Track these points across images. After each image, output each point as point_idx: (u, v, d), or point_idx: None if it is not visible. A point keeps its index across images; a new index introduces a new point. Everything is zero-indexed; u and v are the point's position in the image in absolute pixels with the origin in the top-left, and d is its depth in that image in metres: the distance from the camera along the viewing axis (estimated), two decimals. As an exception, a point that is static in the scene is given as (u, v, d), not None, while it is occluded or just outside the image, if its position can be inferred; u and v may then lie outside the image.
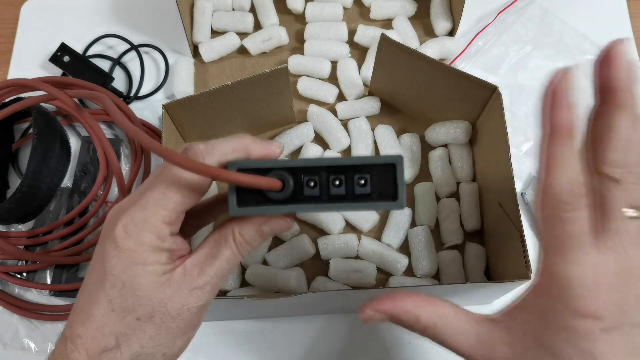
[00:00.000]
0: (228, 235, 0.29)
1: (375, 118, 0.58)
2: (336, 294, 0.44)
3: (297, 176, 0.28)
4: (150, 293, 0.27)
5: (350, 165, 0.28)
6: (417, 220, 0.53)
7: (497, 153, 0.47)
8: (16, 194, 0.50)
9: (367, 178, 0.27)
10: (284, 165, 0.28)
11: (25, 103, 0.48)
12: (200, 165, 0.25)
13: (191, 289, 0.28)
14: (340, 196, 0.28)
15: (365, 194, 0.28)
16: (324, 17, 0.62)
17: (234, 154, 0.29)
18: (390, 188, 0.27)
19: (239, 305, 0.44)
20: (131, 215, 0.27)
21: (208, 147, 0.28)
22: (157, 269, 0.28)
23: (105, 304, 0.28)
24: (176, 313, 0.28)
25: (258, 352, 0.50)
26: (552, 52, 0.61)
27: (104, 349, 0.28)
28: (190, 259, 0.29)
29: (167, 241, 0.28)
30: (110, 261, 0.27)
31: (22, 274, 0.53)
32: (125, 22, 0.65)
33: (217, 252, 0.29)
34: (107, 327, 0.28)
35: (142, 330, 0.28)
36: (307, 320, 0.51)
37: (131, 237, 0.27)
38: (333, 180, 0.28)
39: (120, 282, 0.27)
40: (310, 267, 0.51)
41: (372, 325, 0.51)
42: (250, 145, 0.29)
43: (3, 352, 0.50)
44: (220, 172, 0.26)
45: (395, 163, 0.27)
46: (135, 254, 0.27)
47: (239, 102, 0.51)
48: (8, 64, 0.63)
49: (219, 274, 0.29)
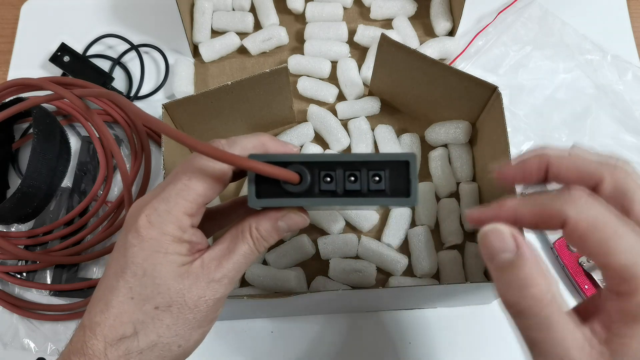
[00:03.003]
0: (245, 231, 0.30)
1: (375, 118, 0.58)
2: (336, 294, 0.44)
3: (314, 170, 0.29)
4: (169, 282, 0.28)
5: (365, 161, 0.29)
6: (417, 220, 0.53)
7: (497, 153, 0.47)
8: (16, 194, 0.50)
9: (382, 175, 0.28)
10: (302, 160, 0.29)
11: (29, 103, 0.48)
12: (225, 153, 0.27)
13: (209, 282, 0.29)
14: (356, 191, 0.29)
15: (380, 190, 0.28)
16: (324, 17, 0.62)
17: (254, 149, 0.30)
18: (404, 185, 0.28)
19: (238, 305, 0.44)
20: (154, 207, 0.28)
21: (229, 142, 0.30)
22: (177, 259, 0.29)
23: (125, 291, 0.28)
24: (193, 304, 0.29)
25: (258, 352, 0.50)
26: (552, 52, 0.61)
27: (122, 336, 0.28)
28: (208, 253, 0.30)
29: (187, 232, 0.29)
30: (132, 249, 0.28)
31: (22, 274, 0.53)
32: (125, 22, 0.65)
33: (235, 247, 0.30)
34: (125, 314, 0.28)
35: (159, 319, 0.28)
36: (307, 320, 0.51)
37: (154, 226, 0.28)
38: (349, 176, 0.29)
39: (141, 269, 0.28)
40: (310, 267, 0.51)
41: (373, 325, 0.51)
42: (269, 142, 0.31)
43: (3, 352, 0.50)
44: (243, 160, 0.27)
45: (408, 160, 0.28)
46: (157, 242, 0.28)
47: (239, 102, 0.51)
48: (8, 64, 0.63)
49: (236, 268, 0.30)
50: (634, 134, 0.57)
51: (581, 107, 0.58)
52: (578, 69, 0.60)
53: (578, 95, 0.59)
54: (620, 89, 0.59)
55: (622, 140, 0.57)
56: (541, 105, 0.59)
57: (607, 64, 0.60)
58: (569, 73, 0.60)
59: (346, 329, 0.51)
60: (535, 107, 0.59)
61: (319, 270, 0.51)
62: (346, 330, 0.51)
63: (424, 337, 0.50)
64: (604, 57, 0.60)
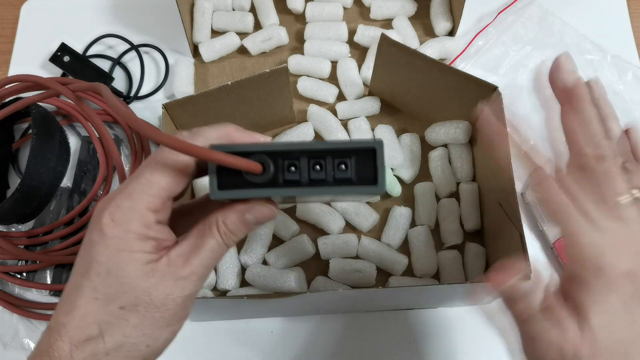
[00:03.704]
0: (212, 225, 0.29)
1: (375, 118, 0.58)
2: (336, 294, 0.44)
3: (277, 160, 0.28)
4: (134, 281, 0.27)
5: (331, 149, 0.28)
6: (417, 220, 0.53)
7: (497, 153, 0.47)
8: (15, 194, 0.50)
9: (348, 162, 0.27)
10: (265, 149, 0.28)
11: (26, 101, 0.48)
12: (184, 143, 0.26)
13: (176, 279, 0.28)
14: (321, 180, 0.28)
15: (346, 178, 0.28)
16: (324, 17, 0.62)
17: (218, 140, 0.29)
18: (371, 172, 0.27)
19: (239, 305, 0.44)
20: (117, 204, 0.28)
21: (193, 132, 0.29)
22: (142, 257, 0.28)
23: (89, 292, 0.28)
24: (160, 303, 0.28)
25: (258, 352, 0.50)
26: (552, 52, 0.61)
27: (87, 337, 0.27)
28: (174, 249, 0.29)
29: (152, 229, 0.28)
30: (95, 248, 0.28)
31: (22, 274, 0.53)
32: (125, 22, 0.65)
33: (202, 242, 0.29)
34: (90, 315, 0.28)
35: (125, 320, 0.28)
36: (307, 320, 0.51)
37: (118, 224, 0.27)
38: (314, 165, 0.28)
39: (105, 269, 0.27)
40: (310, 267, 0.51)
41: (373, 325, 0.51)
42: (234, 132, 0.30)
43: (3, 352, 0.50)
44: (202, 150, 0.26)
45: (375, 147, 0.27)
46: (121, 241, 0.27)
47: (239, 102, 0.51)
48: (8, 64, 0.63)
49: (204, 264, 0.29)
50: (634, 134, 0.57)
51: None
52: (578, 69, 0.60)
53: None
54: (620, 89, 0.59)
55: (622, 140, 0.57)
56: (541, 105, 0.59)
57: (607, 64, 0.60)
58: (569, 73, 0.60)
59: (346, 329, 0.51)
60: (535, 107, 0.59)
61: (319, 270, 0.51)
62: (346, 330, 0.51)
63: (424, 337, 0.50)
64: (604, 57, 0.60)
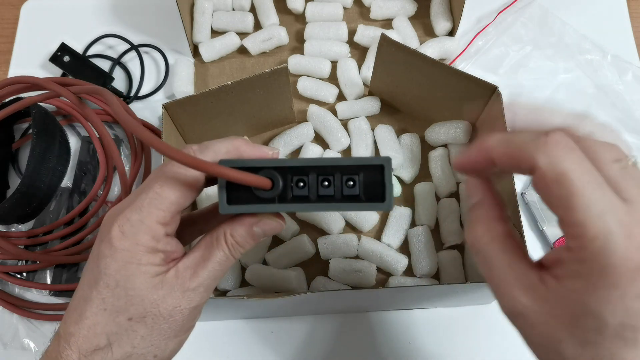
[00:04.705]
0: (220, 237, 0.30)
1: (375, 118, 0.58)
2: (336, 294, 0.44)
3: (286, 176, 0.28)
4: (142, 293, 0.28)
5: (339, 166, 0.28)
6: (417, 220, 0.53)
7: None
8: (15, 194, 0.50)
9: (356, 179, 0.28)
10: (274, 165, 0.28)
11: (26, 102, 0.48)
12: (195, 159, 0.26)
13: (184, 291, 0.29)
14: (329, 197, 0.28)
15: (354, 195, 0.28)
16: (324, 17, 0.62)
17: (227, 155, 0.29)
18: (379, 189, 0.28)
19: (239, 305, 0.44)
20: (127, 217, 0.28)
21: (202, 147, 0.29)
22: (150, 269, 0.28)
23: (98, 302, 0.28)
24: (168, 314, 0.28)
25: (258, 352, 0.50)
26: (552, 52, 0.61)
27: (96, 347, 0.28)
28: (182, 261, 0.29)
29: (161, 242, 0.28)
30: (104, 260, 0.28)
31: (22, 274, 0.53)
32: (125, 22, 0.65)
33: (210, 254, 0.29)
34: (99, 326, 0.28)
35: (133, 331, 0.28)
36: (307, 320, 0.51)
37: (127, 237, 0.28)
38: (322, 181, 0.28)
39: (113, 281, 0.28)
40: (310, 267, 0.51)
41: (373, 325, 0.51)
42: (243, 146, 0.30)
43: (3, 352, 0.50)
44: (213, 166, 0.26)
45: (383, 164, 0.27)
46: (130, 254, 0.28)
47: (239, 102, 0.51)
48: (8, 64, 0.63)
49: (212, 276, 0.29)
50: (634, 134, 0.57)
51: (581, 107, 0.58)
52: (578, 69, 0.60)
53: (578, 95, 0.59)
54: (620, 89, 0.59)
55: (622, 141, 0.57)
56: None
57: (607, 64, 0.60)
58: (569, 73, 0.60)
59: (346, 329, 0.51)
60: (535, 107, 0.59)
61: (319, 270, 0.51)
62: (346, 330, 0.51)
63: (424, 337, 0.50)
64: (604, 57, 0.60)
